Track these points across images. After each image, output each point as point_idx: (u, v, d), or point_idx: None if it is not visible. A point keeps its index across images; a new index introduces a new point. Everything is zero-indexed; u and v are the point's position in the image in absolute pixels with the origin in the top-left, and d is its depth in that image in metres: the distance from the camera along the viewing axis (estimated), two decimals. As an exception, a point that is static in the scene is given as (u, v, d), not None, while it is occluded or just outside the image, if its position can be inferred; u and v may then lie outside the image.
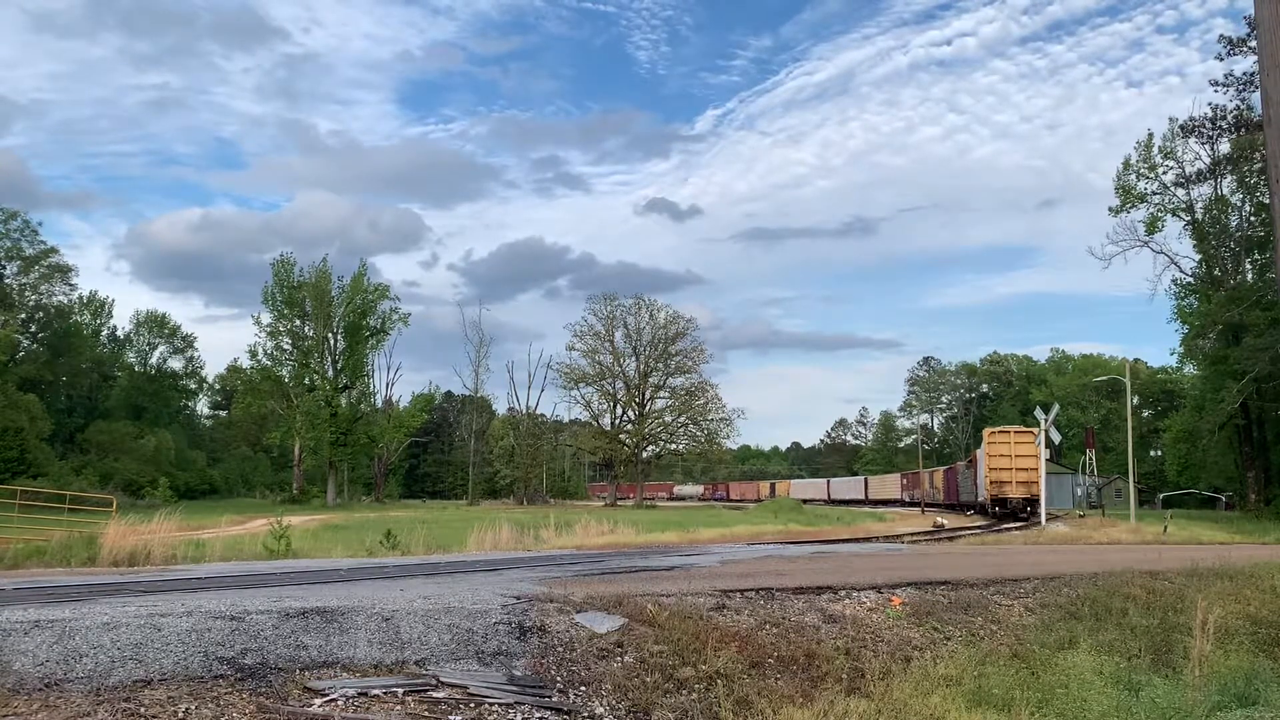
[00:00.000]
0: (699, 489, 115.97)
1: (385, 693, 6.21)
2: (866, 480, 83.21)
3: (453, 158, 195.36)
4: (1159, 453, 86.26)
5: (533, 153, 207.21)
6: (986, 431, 48.55)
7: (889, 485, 76.09)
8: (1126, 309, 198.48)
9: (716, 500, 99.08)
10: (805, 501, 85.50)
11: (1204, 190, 56.42)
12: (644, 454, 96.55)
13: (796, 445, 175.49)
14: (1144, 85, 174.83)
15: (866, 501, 76.62)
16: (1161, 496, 70.06)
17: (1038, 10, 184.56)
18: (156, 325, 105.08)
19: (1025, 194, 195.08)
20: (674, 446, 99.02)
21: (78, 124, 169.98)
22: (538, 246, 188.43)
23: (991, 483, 44.98)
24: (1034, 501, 42.65)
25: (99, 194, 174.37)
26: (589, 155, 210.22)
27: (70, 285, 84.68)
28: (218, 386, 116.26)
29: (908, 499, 63.43)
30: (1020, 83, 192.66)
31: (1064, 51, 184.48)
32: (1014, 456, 44.25)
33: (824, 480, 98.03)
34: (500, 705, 6.24)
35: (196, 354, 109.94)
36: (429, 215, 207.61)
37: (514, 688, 6.60)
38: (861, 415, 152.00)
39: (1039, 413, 41.07)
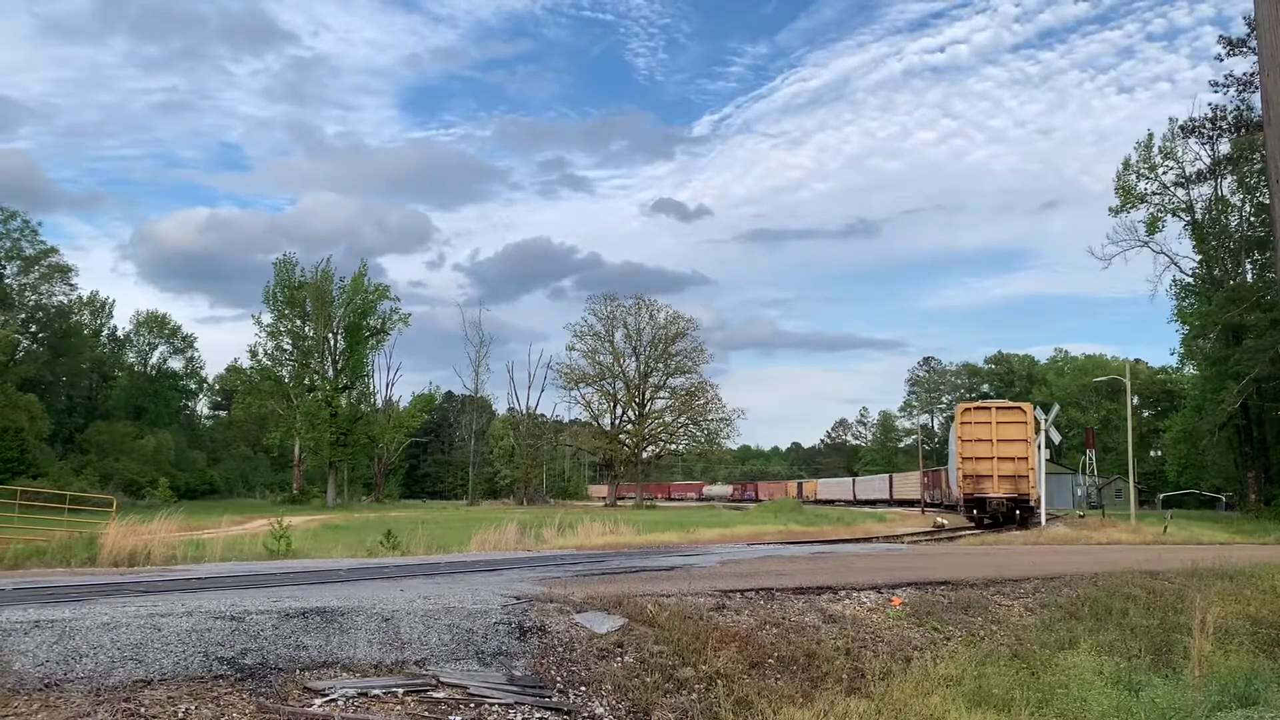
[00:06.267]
0: (728, 489, 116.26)
1: (385, 693, 6.21)
2: (891, 478, 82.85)
3: (457, 159, 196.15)
4: (1159, 453, 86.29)
5: (537, 155, 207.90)
6: (960, 408, 37.61)
7: (911, 483, 75.67)
8: (1126, 310, 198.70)
9: (746, 500, 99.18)
10: (832, 501, 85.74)
11: (1204, 190, 56.58)
12: (644, 454, 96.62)
13: (797, 445, 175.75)
14: (1135, 91, 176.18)
15: (891, 501, 76.34)
16: (1161, 497, 70.06)
17: (1029, 18, 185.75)
18: (156, 325, 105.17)
19: (1021, 197, 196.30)
20: (674, 447, 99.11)
21: (85, 127, 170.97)
22: (544, 247, 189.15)
23: (965, 476, 34.35)
24: (1023, 502, 33.94)
25: (105, 196, 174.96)
26: (593, 158, 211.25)
27: (70, 285, 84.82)
28: (218, 387, 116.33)
29: (929, 498, 62.66)
30: (1013, 88, 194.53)
31: (1056, 58, 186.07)
32: (996, 442, 34.12)
33: (849, 480, 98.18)
34: (500, 705, 6.24)
35: (196, 354, 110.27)
36: (435, 216, 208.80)
37: (514, 688, 6.60)
38: (862, 415, 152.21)
39: (1039, 412, 36.93)
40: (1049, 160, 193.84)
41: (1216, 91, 52.38)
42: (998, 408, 36.77)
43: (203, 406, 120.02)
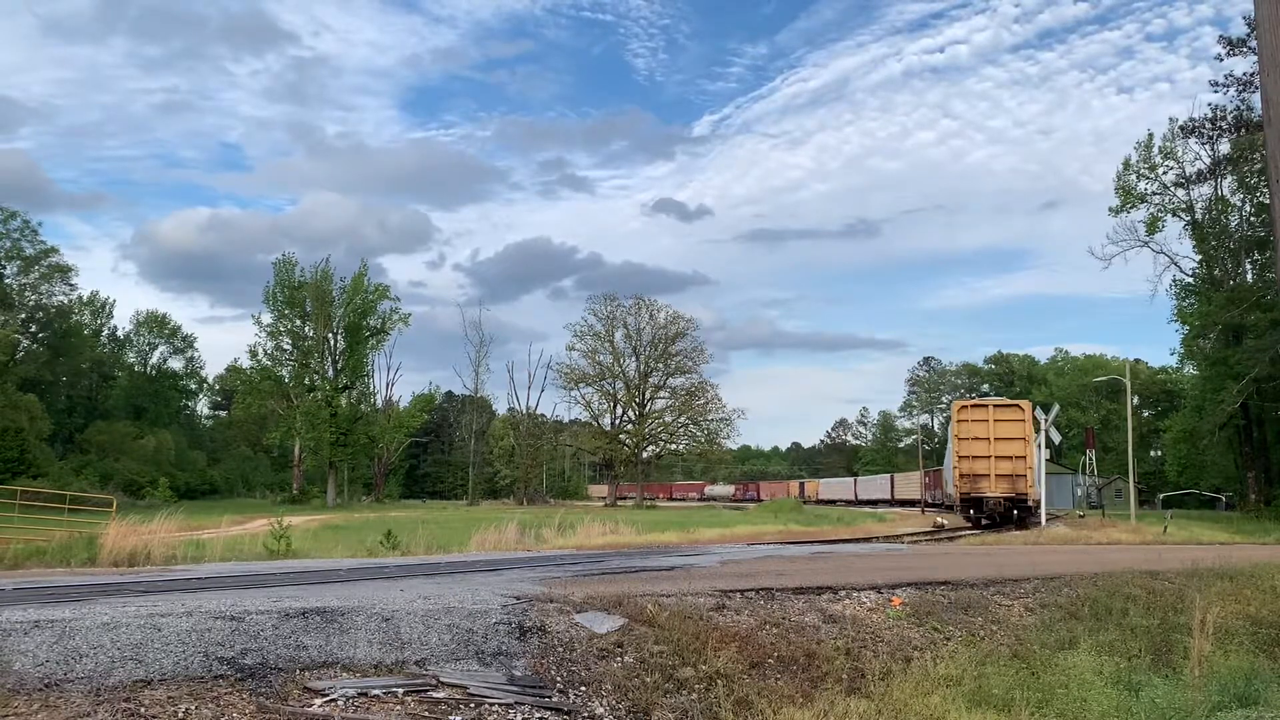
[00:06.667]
0: (730, 489, 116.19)
1: (385, 693, 6.21)
2: (892, 478, 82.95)
3: (458, 159, 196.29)
4: (1159, 453, 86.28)
5: (537, 155, 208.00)
6: (956, 406, 36.80)
7: (912, 483, 75.72)
8: (1126, 310, 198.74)
9: (748, 500, 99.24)
10: (834, 501, 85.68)
11: (1204, 190, 56.61)
12: (644, 454, 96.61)
13: (797, 445, 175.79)
14: (1134, 91, 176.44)
15: (893, 501, 76.37)
16: (1161, 497, 70.04)
17: (1028, 19, 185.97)
18: (156, 325, 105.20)
19: (1021, 197, 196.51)
20: (674, 447, 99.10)
21: (85, 128, 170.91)
22: (545, 247, 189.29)
23: (962, 475, 34.03)
24: (1021, 502, 33.43)
25: (106, 196, 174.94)
26: (594, 158, 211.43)
27: (70, 285, 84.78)
28: (218, 387, 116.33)
29: (929, 499, 62.68)
30: (1013, 89, 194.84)
31: (1055, 59, 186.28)
32: (993, 440, 33.73)
33: (850, 480, 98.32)
34: (500, 705, 6.24)
35: (196, 354, 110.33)
36: (435, 216, 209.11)
37: (514, 688, 6.60)
38: (862, 415, 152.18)
39: (1039, 412, 36.27)
40: (1049, 160, 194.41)
41: (1216, 91, 52.48)
42: (995, 405, 36.19)
43: (203, 406, 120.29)
